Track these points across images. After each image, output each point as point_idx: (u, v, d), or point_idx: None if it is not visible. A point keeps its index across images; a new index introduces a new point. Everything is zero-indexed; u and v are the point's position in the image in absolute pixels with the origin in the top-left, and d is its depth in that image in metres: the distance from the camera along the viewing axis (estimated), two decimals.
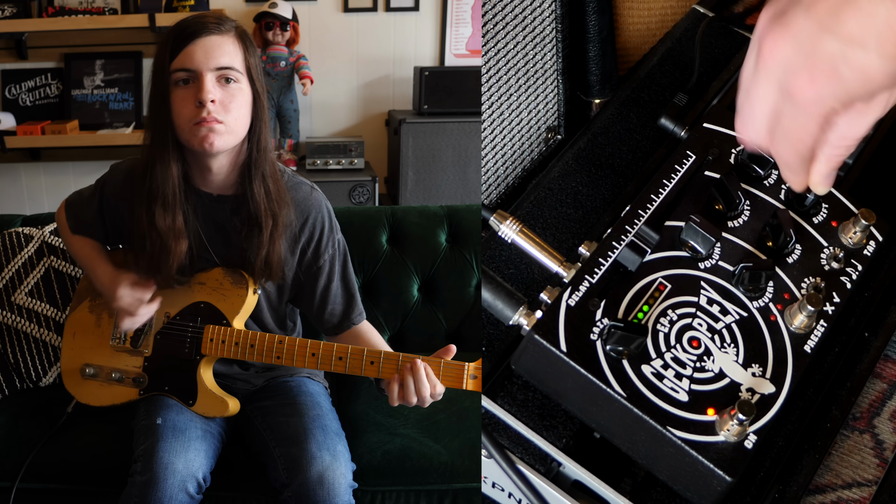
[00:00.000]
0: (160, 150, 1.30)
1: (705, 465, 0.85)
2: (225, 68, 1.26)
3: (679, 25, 1.34)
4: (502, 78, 1.19)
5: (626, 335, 0.87)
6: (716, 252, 0.98)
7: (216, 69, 1.25)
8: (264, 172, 1.34)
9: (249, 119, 1.32)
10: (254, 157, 1.33)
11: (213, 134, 1.25)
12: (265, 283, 1.41)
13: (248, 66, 1.30)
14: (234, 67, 1.27)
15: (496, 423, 0.96)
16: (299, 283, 1.44)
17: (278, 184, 1.36)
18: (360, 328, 1.47)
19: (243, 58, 1.29)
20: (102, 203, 1.45)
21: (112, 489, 1.34)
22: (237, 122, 1.29)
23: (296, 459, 1.32)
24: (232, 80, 1.27)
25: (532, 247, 0.99)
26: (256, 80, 1.31)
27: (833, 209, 1.04)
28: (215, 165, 1.33)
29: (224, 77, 1.26)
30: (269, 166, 1.35)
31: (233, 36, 1.29)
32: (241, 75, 1.28)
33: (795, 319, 0.94)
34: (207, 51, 1.25)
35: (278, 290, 1.45)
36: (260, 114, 1.32)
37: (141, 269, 1.37)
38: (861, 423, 1.05)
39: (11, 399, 1.71)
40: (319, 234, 1.41)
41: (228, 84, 1.27)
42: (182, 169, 1.32)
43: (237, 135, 1.30)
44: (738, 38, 1.33)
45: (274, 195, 1.34)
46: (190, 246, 1.36)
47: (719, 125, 1.08)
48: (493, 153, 1.23)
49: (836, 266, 1.00)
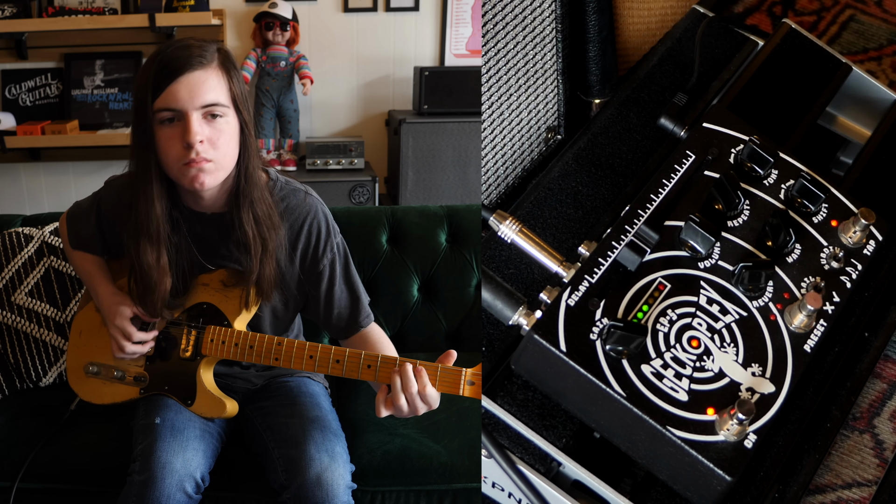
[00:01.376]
0: (143, 187, 1.28)
1: (705, 464, 0.85)
2: (211, 105, 1.22)
3: (679, 25, 1.34)
4: (502, 78, 1.19)
5: (626, 335, 0.87)
6: (715, 252, 0.98)
7: (202, 107, 1.21)
8: (253, 199, 1.31)
9: (237, 151, 1.28)
10: (241, 187, 1.30)
11: (202, 174, 1.24)
12: (265, 299, 1.39)
13: (233, 97, 1.25)
14: (219, 103, 1.23)
15: (496, 423, 0.96)
16: (304, 291, 1.44)
17: (269, 208, 1.33)
18: (368, 332, 1.45)
19: (228, 89, 1.24)
20: (100, 219, 1.45)
21: (112, 489, 1.34)
22: (226, 157, 1.26)
23: (294, 461, 1.32)
24: (219, 115, 1.23)
25: (532, 247, 0.99)
26: (243, 109, 1.27)
27: (833, 208, 1.04)
28: (206, 195, 1.33)
29: (210, 114, 1.22)
30: (259, 191, 1.32)
31: (216, 66, 1.23)
32: (227, 108, 1.24)
33: (795, 319, 0.94)
34: (192, 88, 1.20)
35: (284, 304, 1.44)
36: (248, 142, 1.29)
37: (133, 295, 1.37)
38: (861, 423, 1.05)
39: (11, 399, 1.71)
40: (316, 238, 1.40)
41: (215, 120, 1.23)
42: (167, 205, 1.31)
43: (226, 169, 1.28)
44: (738, 38, 1.33)
45: (263, 219, 1.32)
46: (183, 270, 1.37)
47: (719, 125, 1.08)
48: (493, 153, 1.23)
49: (835, 265, 1.00)
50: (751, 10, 1.67)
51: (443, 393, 1.25)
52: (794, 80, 1.25)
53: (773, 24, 1.66)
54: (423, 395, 1.20)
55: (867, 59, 1.63)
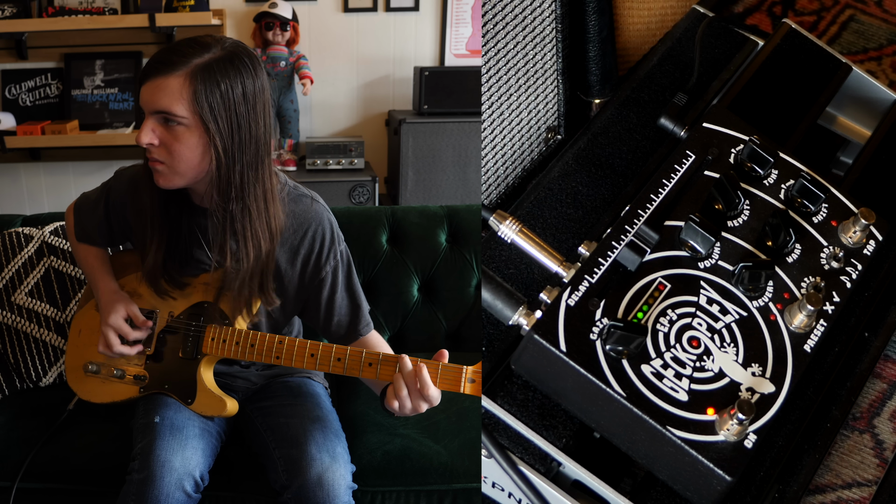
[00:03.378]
0: (143, 174, 1.32)
1: (705, 464, 0.85)
2: (161, 112, 1.20)
3: (679, 25, 1.34)
4: (502, 78, 1.19)
5: (626, 335, 0.87)
6: (715, 252, 0.98)
7: (154, 112, 1.21)
8: (245, 205, 1.28)
9: (201, 161, 1.25)
10: (224, 190, 1.27)
11: (157, 174, 1.26)
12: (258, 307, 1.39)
13: (197, 108, 1.20)
14: (170, 112, 1.20)
15: (496, 423, 0.96)
16: (303, 297, 1.44)
17: (269, 215, 1.31)
18: (367, 340, 1.45)
19: (190, 99, 1.19)
20: (109, 209, 1.46)
21: (112, 489, 1.34)
22: (182, 163, 1.24)
23: (295, 461, 1.32)
24: (174, 122, 1.21)
25: (531, 247, 0.99)
26: (209, 121, 1.21)
27: (833, 208, 1.04)
28: (195, 189, 1.33)
29: (164, 119, 1.21)
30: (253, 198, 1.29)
31: (184, 74, 1.19)
32: (184, 119, 1.20)
33: (795, 319, 0.94)
34: (150, 93, 1.21)
35: (281, 308, 1.44)
36: (226, 155, 1.24)
37: (144, 276, 1.39)
38: (861, 423, 1.05)
39: (11, 399, 1.71)
40: (320, 246, 1.40)
41: (172, 126, 1.21)
42: (164, 194, 1.32)
43: (183, 175, 1.26)
44: (738, 38, 1.33)
45: (255, 225, 1.29)
46: (182, 258, 1.38)
47: (719, 125, 1.08)
48: (493, 153, 1.23)
49: (835, 265, 1.00)
50: (751, 10, 1.67)
51: (443, 391, 1.25)
52: (794, 80, 1.25)
53: (773, 24, 1.66)
54: (425, 392, 1.21)
55: (867, 59, 1.63)
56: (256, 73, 1.25)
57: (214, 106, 1.21)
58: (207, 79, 1.20)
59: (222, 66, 1.22)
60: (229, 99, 1.22)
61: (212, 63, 1.21)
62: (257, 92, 1.25)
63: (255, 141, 1.26)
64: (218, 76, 1.21)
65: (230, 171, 1.25)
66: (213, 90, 1.21)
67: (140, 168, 1.38)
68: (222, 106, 1.22)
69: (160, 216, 1.35)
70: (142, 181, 1.33)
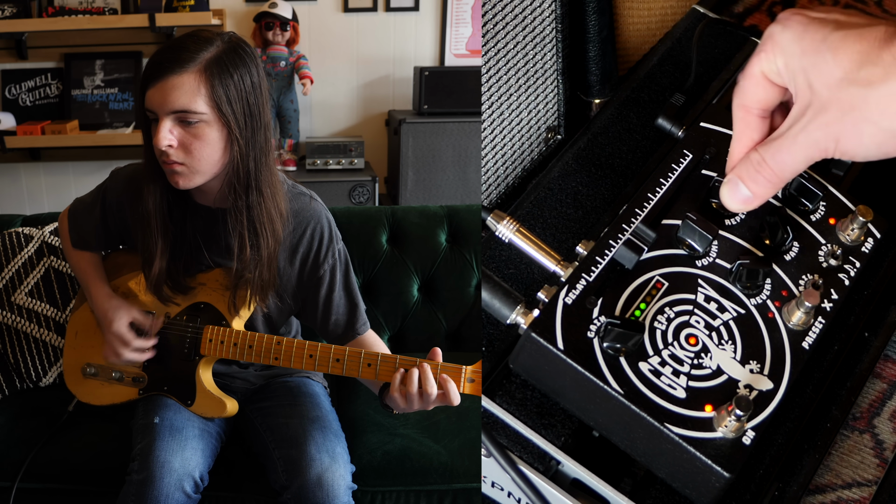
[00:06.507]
0: (146, 177, 1.31)
1: (703, 461, 0.85)
2: (180, 111, 1.20)
3: (679, 25, 1.34)
4: (502, 78, 1.19)
5: (624, 332, 0.87)
6: (713, 249, 0.98)
7: (171, 113, 1.20)
8: (250, 201, 1.29)
9: (222, 155, 1.26)
10: (235, 187, 1.29)
11: (175, 175, 1.25)
12: (260, 301, 1.40)
13: (216, 103, 1.22)
14: (190, 110, 1.20)
15: (495, 423, 0.96)
16: (301, 296, 1.44)
17: (273, 213, 1.32)
18: (364, 339, 1.46)
19: (208, 95, 1.21)
20: (105, 211, 1.45)
21: (112, 489, 1.34)
22: (201, 161, 1.24)
23: (295, 461, 1.32)
24: (192, 121, 1.21)
25: (529, 246, 0.99)
26: (227, 113, 1.23)
27: (831, 206, 1.04)
28: (206, 188, 1.33)
29: (182, 119, 1.21)
30: (258, 196, 1.30)
31: (197, 70, 1.20)
32: (203, 115, 1.21)
33: (793, 316, 0.94)
34: (164, 94, 1.19)
35: (278, 308, 1.44)
36: (246, 145, 1.26)
37: (148, 284, 1.39)
38: (861, 423, 1.05)
39: (11, 399, 1.71)
40: (318, 244, 1.40)
41: (190, 125, 1.21)
42: (167, 195, 1.32)
43: (204, 173, 1.26)
44: (738, 39, 1.33)
45: (261, 222, 1.30)
46: (185, 260, 1.37)
47: (717, 124, 1.08)
48: (493, 153, 1.23)
49: (833, 263, 1.00)
50: (751, 10, 1.67)
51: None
52: None
53: None
54: (424, 391, 1.22)
55: None
56: (256, 63, 1.28)
57: (231, 98, 1.23)
58: (221, 72, 1.22)
59: (231, 58, 1.24)
60: (241, 89, 1.24)
61: (221, 56, 1.23)
62: (261, 79, 1.28)
63: (264, 127, 1.29)
64: (230, 68, 1.23)
65: (247, 159, 1.27)
66: (227, 82, 1.23)
67: (138, 168, 1.37)
68: (236, 97, 1.24)
69: (166, 221, 1.34)
70: (146, 185, 1.31)
